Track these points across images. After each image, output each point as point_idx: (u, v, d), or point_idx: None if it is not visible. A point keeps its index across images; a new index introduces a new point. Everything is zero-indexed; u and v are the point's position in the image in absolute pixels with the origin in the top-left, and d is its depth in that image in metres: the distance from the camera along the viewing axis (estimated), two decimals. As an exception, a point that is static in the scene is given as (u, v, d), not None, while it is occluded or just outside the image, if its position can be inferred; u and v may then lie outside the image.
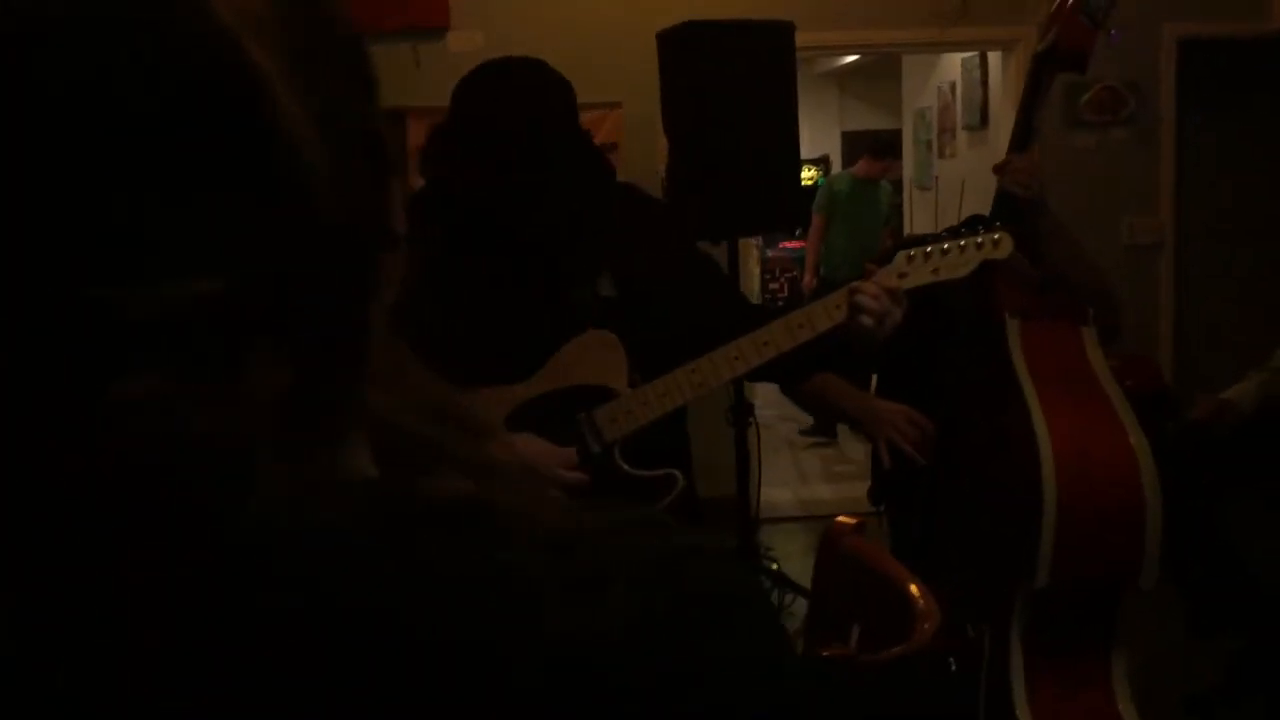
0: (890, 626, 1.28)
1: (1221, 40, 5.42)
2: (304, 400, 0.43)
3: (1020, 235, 1.95)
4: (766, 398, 5.51)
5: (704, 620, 0.46)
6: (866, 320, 1.78)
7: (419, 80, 4.87)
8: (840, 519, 1.51)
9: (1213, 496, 3.07)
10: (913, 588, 1.28)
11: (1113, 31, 2.16)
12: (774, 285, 9.72)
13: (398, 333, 0.52)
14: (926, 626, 1.18)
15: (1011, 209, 2.11)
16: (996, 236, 1.88)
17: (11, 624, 0.41)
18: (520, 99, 1.84)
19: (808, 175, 10.00)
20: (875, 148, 7.32)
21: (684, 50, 3.92)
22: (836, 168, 10.36)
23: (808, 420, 6.64)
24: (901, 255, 1.88)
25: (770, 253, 9.69)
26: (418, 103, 4.85)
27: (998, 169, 2.17)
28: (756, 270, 9.02)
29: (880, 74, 9.59)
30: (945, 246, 1.87)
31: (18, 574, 0.41)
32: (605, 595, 0.45)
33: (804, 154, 10.42)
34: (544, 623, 0.43)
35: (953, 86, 6.91)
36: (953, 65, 6.83)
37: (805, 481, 6.38)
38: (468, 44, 4.89)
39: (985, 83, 6.28)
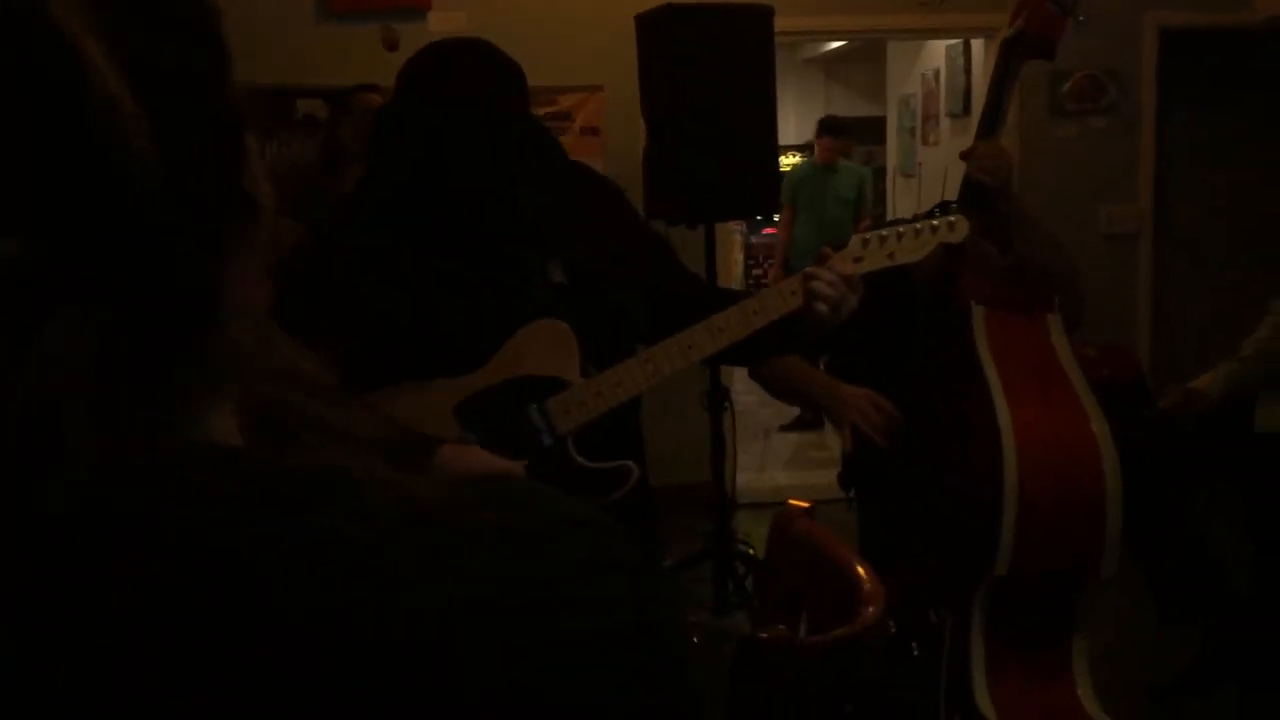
0: (838, 610, 1.28)
1: (1203, 30, 5.43)
2: (128, 367, 0.43)
3: (986, 222, 1.95)
4: (746, 383, 5.51)
5: (563, 594, 0.45)
6: (821, 307, 1.77)
7: (399, 63, 4.86)
8: (791, 502, 1.51)
9: (1181, 485, 3.08)
10: (859, 571, 1.28)
11: (1080, 17, 2.15)
12: (758, 271, 9.72)
13: (336, 316, 0.51)
14: (871, 610, 1.18)
15: (978, 195, 2.11)
16: (952, 219, 1.87)
17: None
18: (466, 81, 1.80)
19: (791, 161, 9.99)
20: (831, 126, 7.11)
21: (662, 33, 3.91)
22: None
23: (791, 411, 6.63)
24: (857, 239, 1.87)
25: (754, 239, 9.69)
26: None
27: (964, 155, 2.17)
28: (740, 256, 9.02)
29: (865, 60, 9.58)
30: (901, 230, 1.86)
31: None
32: (463, 566, 0.44)
33: (789, 140, 10.41)
34: (399, 593, 0.43)
35: (937, 74, 6.90)
36: (937, 52, 6.83)
37: (784, 467, 6.39)
38: (449, 24, 4.86)
39: (969, 70, 6.28)
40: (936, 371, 2.13)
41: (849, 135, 7.24)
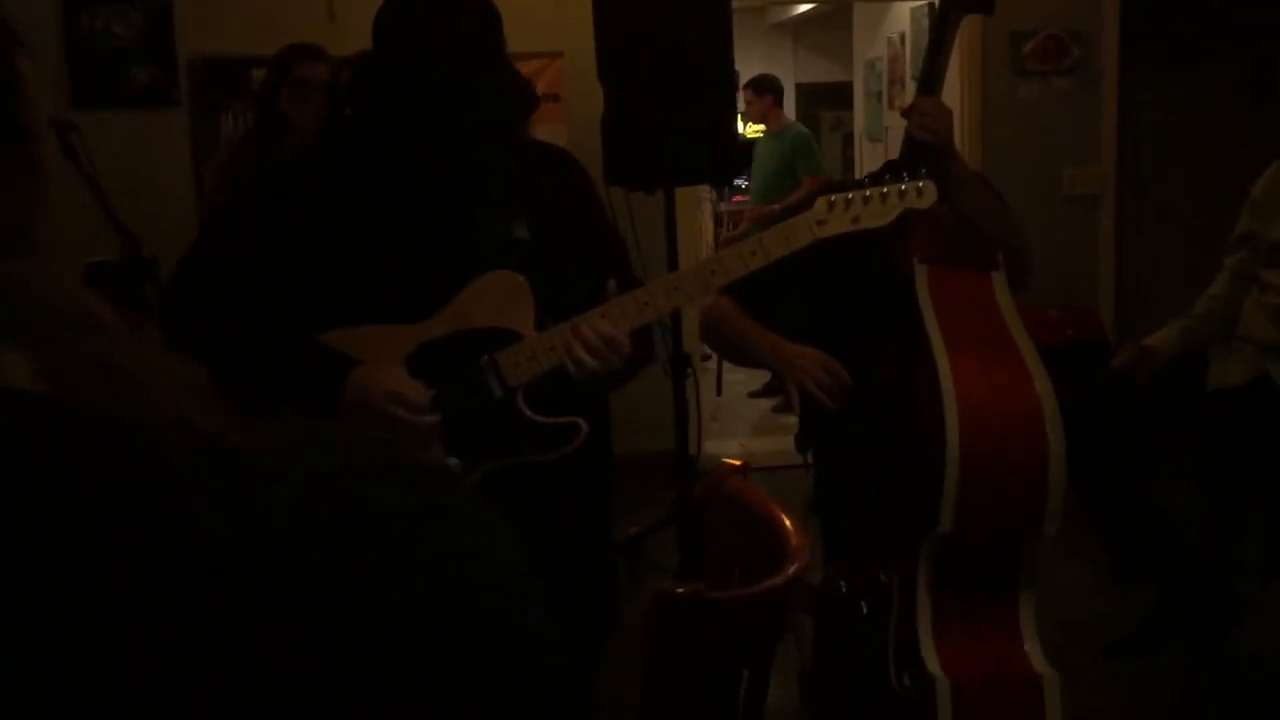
0: (767, 566, 1.28)
1: (1164, -11, 5.42)
2: None
3: (929, 178, 1.94)
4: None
5: (357, 538, 0.45)
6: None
7: (354, 31, 4.80)
8: (725, 460, 1.51)
9: (1136, 443, 3.10)
10: (787, 528, 1.28)
11: None
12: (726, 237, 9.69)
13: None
14: (793, 568, 1.17)
15: (919, 153, 2.10)
16: (920, 185, 1.87)
17: None
18: (446, 23, 1.81)
19: (760, 128, 9.96)
20: (754, 83, 6.93)
21: (618, -2, 3.87)
22: (790, 119, 10.31)
23: (762, 376, 6.63)
24: (822, 201, 1.87)
25: (723, 206, 9.65)
26: (353, 50, 4.80)
27: (905, 113, 2.16)
28: (710, 224, 9.00)
29: (834, 25, 9.52)
30: (867, 194, 1.86)
31: None
32: (255, 504, 0.43)
33: (757, 105, 10.24)
34: (189, 528, 0.42)
35: (902, 37, 6.88)
36: (902, 16, 6.80)
37: (753, 434, 6.40)
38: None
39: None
40: (883, 329, 2.12)
41: (772, 93, 7.01)
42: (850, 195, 1.86)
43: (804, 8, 9.11)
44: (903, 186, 1.87)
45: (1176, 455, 3.24)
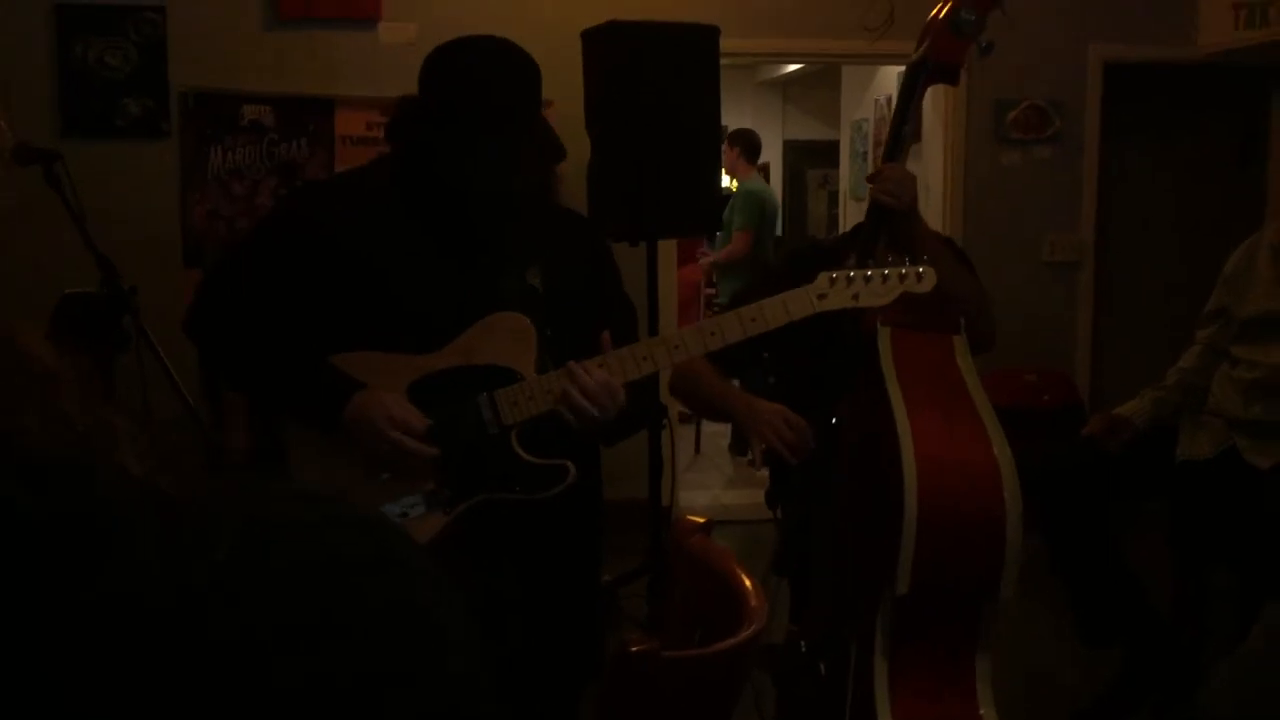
0: (726, 626, 1.29)
1: (1146, 64, 5.52)
2: None
3: (892, 242, 1.98)
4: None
5: (288, 589, 0.46)
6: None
7: (347, 71, 4.85)
8: (688, 517, 1.51)
9: (1106, 509, 3.11)
10: (747, 589, 1.29)
11: (984, 45, 2.18)
12: (709, 290, 9.73)
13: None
14: (749, 631, 1.18)
15: (882, 218, 2.14)
16: (921, 270, 1.92)
17: None
18: (494, 74, 1.91)
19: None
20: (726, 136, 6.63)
21: (607, 50, 3.92)
22: (777, 175, 10.41)
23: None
24: (824, 277, 1.92)
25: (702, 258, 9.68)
26: (344, 92, 4.84)
27: (870, 178, 2.20)
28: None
29: (822, 85, 9.64)
30: (869, 274, 1.91)
31: None
32: (188, 551, 0.44)
33: (745, 161, 10.34)
34: (122, 571, 0.43)
35: (889, 100, 6.97)
36: (889, 79, 6.90)
37: (728, 486, 6.40)
38: (400, 35, 4.85)
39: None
40: (847, 389, 2.14)
41: (739, 146, 6.87)
42: (852, 273, 1.92)
43: (793, 67, 9.23)
44: (903, 270, 1.93)
45: (1144, 523, 3.27)
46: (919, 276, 1.92)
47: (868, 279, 1.91)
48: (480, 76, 1.90)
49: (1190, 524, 3.13)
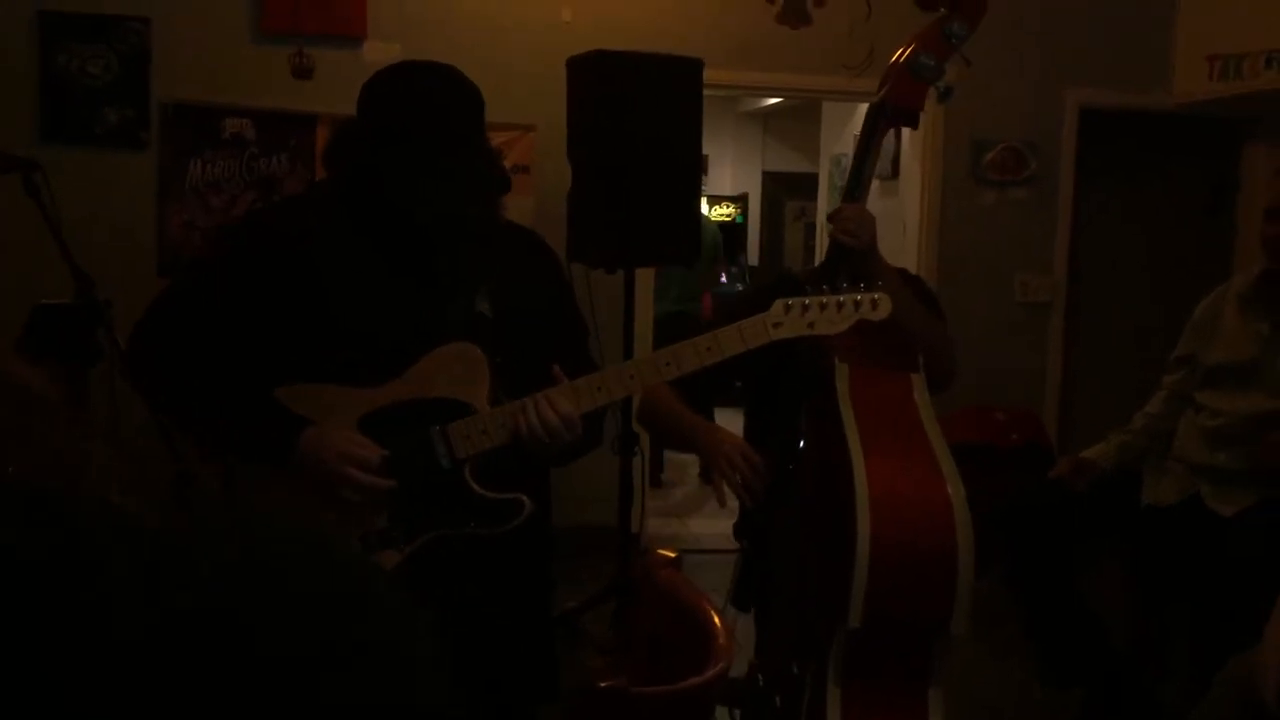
0: (693, 661, 1.29)
1: (1121, 111, 5.61)
2: None
3: (852, 281, 1.99)
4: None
5: (265, 627, 0.46)
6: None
7: (330, 87, 4.85)
8: (659, 551, 1.52)
9: (1068, 551, 3.14)
10: (715, 625, 1.29)
11: (943, 88, 2.20)
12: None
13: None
14: (717, 668, 1.18)
15: (842, 256, 2.15)
16: (876, 298, 1.92)
17: None
18: (433, 99, 1.88)
19: (726, 212, 10.10)
20: None
21: (592, 79, 3.95)
22: (755, 206, 10.47)
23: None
24: (779, 304, 1.91)
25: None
26: (325, 109, 4.84)
27: (830, 218, 2.21)
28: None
29: (802, 117, 9.72)
30: (824, 301, 1.91)
31: None
32: (166, 585, 0.45)
33: (724, 190, 10.46)
34: (98, 602, 0.44)
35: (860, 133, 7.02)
36: (869, 114, 6.95)
37: (697, 514, 6.40)
38: (383, 55, 4.86)
39: (898, 134, 6.41)
40: (805, 424, 2.15)
41: None
42: (807, 301, 1.91)
43: (774, 100, 9.31)
44: (858, 298, 1.92)
45: (1106, 564, 3.29)
46: (874, 303, 1.92)
47: (823, 306, 1.91)
48: (438, 101, 1.88)
49: (1152, 569, 3.16)
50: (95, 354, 3.17)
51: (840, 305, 1.91)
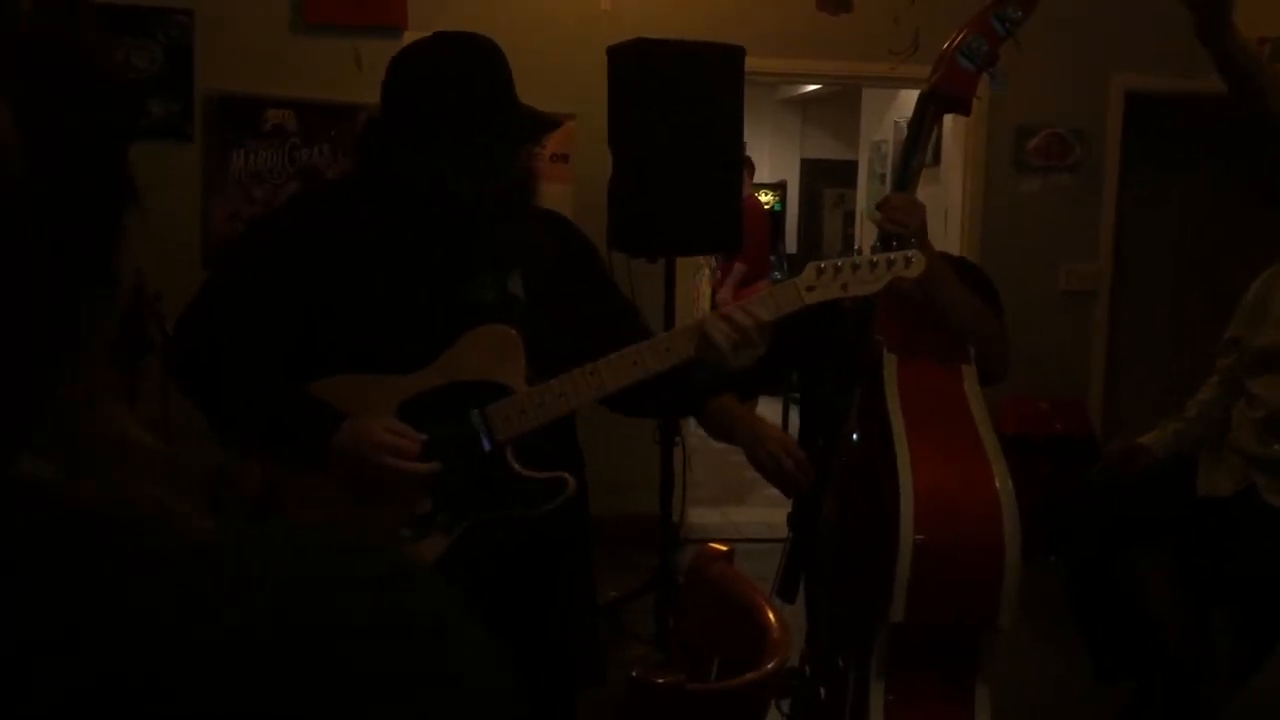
0: (747, 656, 1.28)
1: (1167, 95, 5.52)
2: None
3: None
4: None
5: (305, 656, 0.45)
6: (715, 353, 1.83)
7: (370, 78, 4.86)
8: (710, 545, 1.51)
9: (1121, 544, 3.10)
10: (770, 620, 1.28)
11: (997, 76, 2.17)
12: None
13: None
14: (773, 664, 1.17)
15: (889, 245, 2.13)
16: (910, 255, 1.89)
17: None
18: (447, 70, 1.86)
19: (764, 200, 10.06)
20: None
21: (633, 67, 3.94)
22: (794, 193, 10.42)
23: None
24: (811, 268, 1.89)
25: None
26: (366, 99, 4.85)
27: (879, 206, 2.19)
28: (708, 290, 9.04)
29: (842, 104, 9.66)
30: (856, 262, 1.88)
31: None
32: (210, 620, 0.45)
33: (764, 178, 10.43)
34: (158, 627, 0.43)
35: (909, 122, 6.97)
36: (909, 100, 6.89)
37: (738, 503, 6.39)
38: (424, 45, 4.87)
39: (940, 120, 6.34)
40: (851, 414, 2.13)
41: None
42: (840, 262, 1.89)
43: (813, 86, 9.25)
44: (891, 256, 1.89)
45: (1155, 557, 3.25)
46: (908, 261, 1.88)
47: (855, 267, 1.87)
48: (430, 74, 1.85)
49: (1204, 562, 3.10)
50: (145, 346, 3.20)
51: (874, 265, 1.88)
